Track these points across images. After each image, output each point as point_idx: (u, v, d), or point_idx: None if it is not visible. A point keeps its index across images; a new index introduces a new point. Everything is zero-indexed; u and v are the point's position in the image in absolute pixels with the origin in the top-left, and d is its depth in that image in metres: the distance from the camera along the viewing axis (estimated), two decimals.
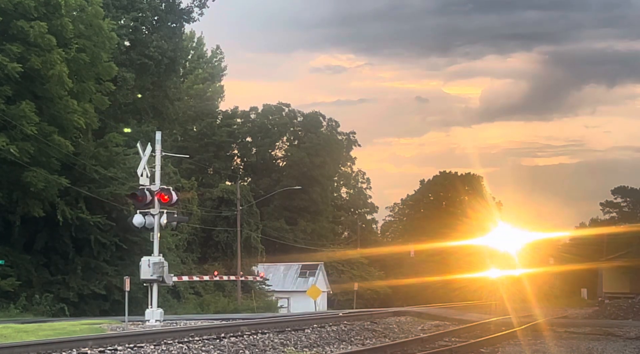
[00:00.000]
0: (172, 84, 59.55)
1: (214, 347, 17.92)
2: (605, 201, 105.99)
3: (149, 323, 25.50)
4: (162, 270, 26.01)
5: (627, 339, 23.30)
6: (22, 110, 38.10)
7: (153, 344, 17.66)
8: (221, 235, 63.35)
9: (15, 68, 37.79)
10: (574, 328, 26.66)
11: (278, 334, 20.92)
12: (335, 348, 19.79)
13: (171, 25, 57.43)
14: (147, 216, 26.13)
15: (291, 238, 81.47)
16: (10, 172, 39.37)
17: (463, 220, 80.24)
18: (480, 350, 19.56)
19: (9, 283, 39.01)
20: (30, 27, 38.73)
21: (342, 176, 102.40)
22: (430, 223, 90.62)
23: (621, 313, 36.50)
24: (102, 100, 45.48)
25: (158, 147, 26.99)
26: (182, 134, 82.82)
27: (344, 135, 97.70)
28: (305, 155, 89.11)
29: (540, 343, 21.85)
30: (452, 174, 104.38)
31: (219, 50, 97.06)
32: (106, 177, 44.46)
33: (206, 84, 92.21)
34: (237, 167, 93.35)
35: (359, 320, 26.65)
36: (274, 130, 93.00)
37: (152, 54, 54.06)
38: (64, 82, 39.89)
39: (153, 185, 26.29)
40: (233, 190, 64.50)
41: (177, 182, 50.61)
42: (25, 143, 38.40)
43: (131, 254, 43.56)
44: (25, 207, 40.69)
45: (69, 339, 17.62)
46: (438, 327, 27.34)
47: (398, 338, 22.19)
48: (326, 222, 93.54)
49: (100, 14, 43.87)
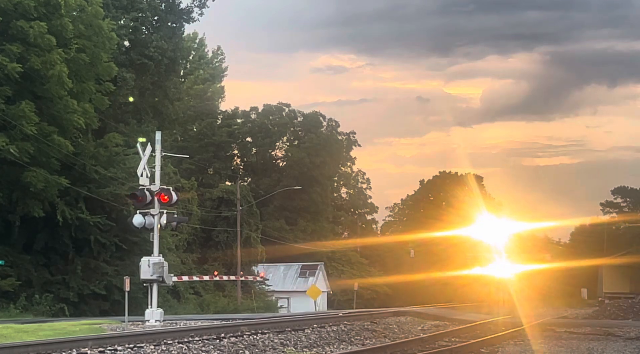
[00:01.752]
0: (172, 84, 59.57)
1: (213, 347, 17.91)
2: (606, 201, 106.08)
3: (149, 323, 25.49)
4: (162, 270, 26.00)
5: (627, 340, 23.30)
6: (22, 110, 38.10)
7: (153, 344, 17.66)
8: (221, 235, 63.32)
9: (15, 68, 37.79)
10: (574, 328, 26.67)
11: (278, 334, 20.91)
12: (335, 348, 19.79)
13: (171, 25, 57.43)
14: (147, 216, 26.11)
15: (291, 238, 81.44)
16: (10, 172, 39.37)
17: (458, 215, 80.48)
18: (481, 350, 19.55)
19: (9, 283, 39.02)
20: (30, 27, 38.72)
21: (342, 176, 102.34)
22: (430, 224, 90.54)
23: (621, 313, 36.52)
24: (102, 100, 45.49)
25: (158, 147, 26.98)
26: (182, 134, 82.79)
27: (344, 135, 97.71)
28: (305, 155, 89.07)
29: (540, 342, 21.85)
30: (452, 174, 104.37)
31: (220, 51, 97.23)
32: (106, 177, 44.45)
33: (207, 84, 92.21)
34: (237, 167, 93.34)
35: (359, 320, 26.64)
36: (274, 130, 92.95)
37: (152, 54, 54.06)
38: (63, 82, 39.88)
39: (153, 185, 26.27)
40: (233, 190, 64.48)
41: (177, 182, 50.59)
42: (25, 143, 38.40)
43: (131, 254, 43.54)
44: (25, 207, 40.68)
45: (69, 339, 17.61)
46: (438, 327, 27.34)
47: (398, 338, 22.19)
48: (326, 222, 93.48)
49: (100, 14, 43.87)
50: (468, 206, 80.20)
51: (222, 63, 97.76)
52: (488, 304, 51.43)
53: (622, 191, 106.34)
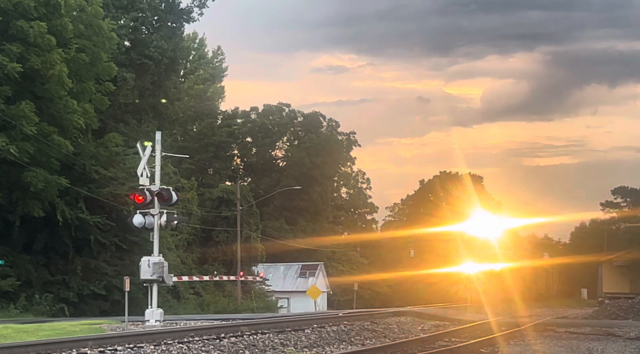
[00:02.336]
0: (172, 84, 59.51)
1: (213, 347, 17.91)
2: (606, 201, 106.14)
3: (149, 323, 25.49)
4: (162, 270, 26.00)
5: (627, 339, 23.29)
6: (22, 110, 38.08)
7: (153, 344, 17.65)
8: (221, 235, 63.33)
9: (15, 68, 37.78)
10: (574, 328, 26.66)
11: (278, 334, 20.90)
12: (335, 348, 19.79)
13: (171, 25, 57.39)
14: (147, 216, 26.11)
15: (291, 238, 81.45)
16: (10, 172, 39.36)
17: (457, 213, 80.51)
18: (481, 350, 19.55)
19: (9, 283, 39.00)
20: (30, 27, 38.71)
21: (342, 176, 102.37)
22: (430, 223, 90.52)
23: (621, 313, 36.50)
24: (102, 100, 45.48)
25: (158, 147, 26.97)
26: (182, 134, 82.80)
27: (344, 135, 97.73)
28: (306, 155, 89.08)
29: (540, 343, 21.85)
30: (452, 174, 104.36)
31: (220, 51, 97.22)
32: (106, 177, 44.44)
33: (207, 85, 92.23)
34: (237, 167, 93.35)
35: (359, 320, 26.64)
36: (274, 130, 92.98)
37: (152, 54, 54.02)
38: (63, 82, 39.88)
39: (153, 185, 26.27)
40: (233, 190, 64.50)
41: (177, 182, 50.61)
42: (25, 143, 38.38)
43: (131, 254, 43.54)
44: (25, 207, 40.67)
45: (69, 339, 17.60)
46: (438, 327, 27.34)
47: (398, 338, 22.18)
48: (326, 222, 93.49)
49: (100, 14, 43.86)
50: (466, 205, 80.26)
51: (222, 63, 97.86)
52: (456, 302, 50.74)
53: (622, 191, 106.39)
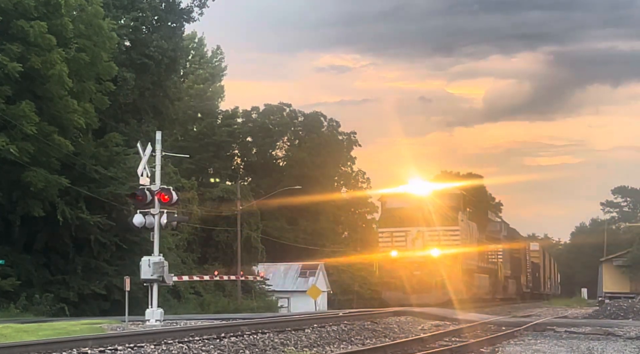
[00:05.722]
0: (172, 84, 59.54)
1: (214, 347, 17.90)
2: (606, 201, 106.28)
3: (149, 323, 25.48)
4: (162, 270, 25.99)
5: (627, 339, 23.27)
6: (22, 110, 38.09)
7: (153, 344, 17.64)
8: (221, 235, 63.33)
9: (15, 68, 37.78)
10: (574, 328, 26.64)
11: (278, 334, 20.89)
12: (336, 347, 19.78)
13: (171, 25, 57.45)
14: (147, 216, 26.09)
15: (291, 238, 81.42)
16: (10, 171, 39.36)
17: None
18: (481, 350, 19.55)
19: (9, 283, 38.99)
20: (30, 26, 38.72)
21: (342, 176, 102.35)
22: None
23: (621, 313, 36.45)
24: (102, 100, 45.49)
25: (158, 147, 26.96)
26: (182, 134, 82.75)
27: (344, 135, 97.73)
28: (306, 155, 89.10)
29: (540, 342, 21.85)
30: (452, 174, 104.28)
31: (220, 51, 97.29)
32: (106, 176, 44.45)
33: (206, 84, 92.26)
34: (238, 166, 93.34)
35: (359, 320, 26.61)
36: (274, 130, 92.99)
37: (152, 54, 54.05)
38: (64, 82, 39.89)
39: (153, 185, 26.26)
40: (233, 190, 64.50)
41: (177, 182, 50.59)
42: (25, 143, 38.39)
43: (131, 254, 43.52)
44: (25, 207, 40.67)
45: (69, 339, 17.59)
46: (438, 327, 27.32)
47: (398, 338, 22.17)
48: (326, 222, 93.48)
49: (100, 13, 43.87)
50: None
51: (222, 62, 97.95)
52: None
53: (622, 191, 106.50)
